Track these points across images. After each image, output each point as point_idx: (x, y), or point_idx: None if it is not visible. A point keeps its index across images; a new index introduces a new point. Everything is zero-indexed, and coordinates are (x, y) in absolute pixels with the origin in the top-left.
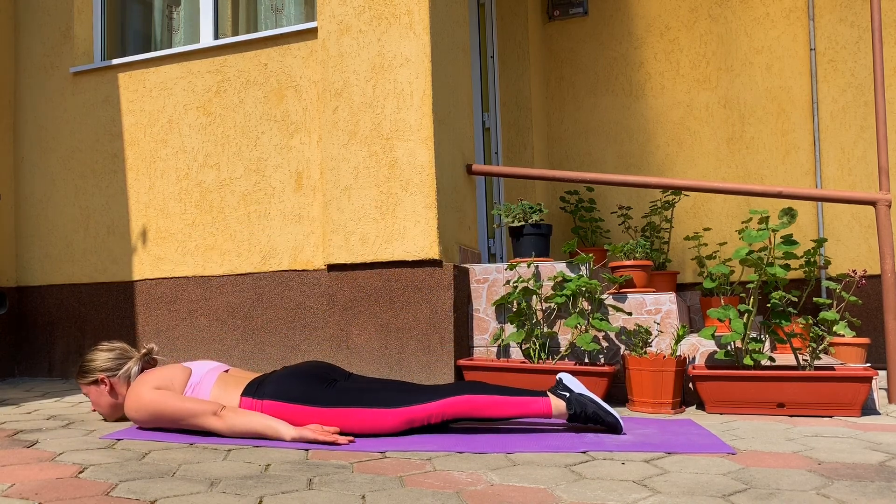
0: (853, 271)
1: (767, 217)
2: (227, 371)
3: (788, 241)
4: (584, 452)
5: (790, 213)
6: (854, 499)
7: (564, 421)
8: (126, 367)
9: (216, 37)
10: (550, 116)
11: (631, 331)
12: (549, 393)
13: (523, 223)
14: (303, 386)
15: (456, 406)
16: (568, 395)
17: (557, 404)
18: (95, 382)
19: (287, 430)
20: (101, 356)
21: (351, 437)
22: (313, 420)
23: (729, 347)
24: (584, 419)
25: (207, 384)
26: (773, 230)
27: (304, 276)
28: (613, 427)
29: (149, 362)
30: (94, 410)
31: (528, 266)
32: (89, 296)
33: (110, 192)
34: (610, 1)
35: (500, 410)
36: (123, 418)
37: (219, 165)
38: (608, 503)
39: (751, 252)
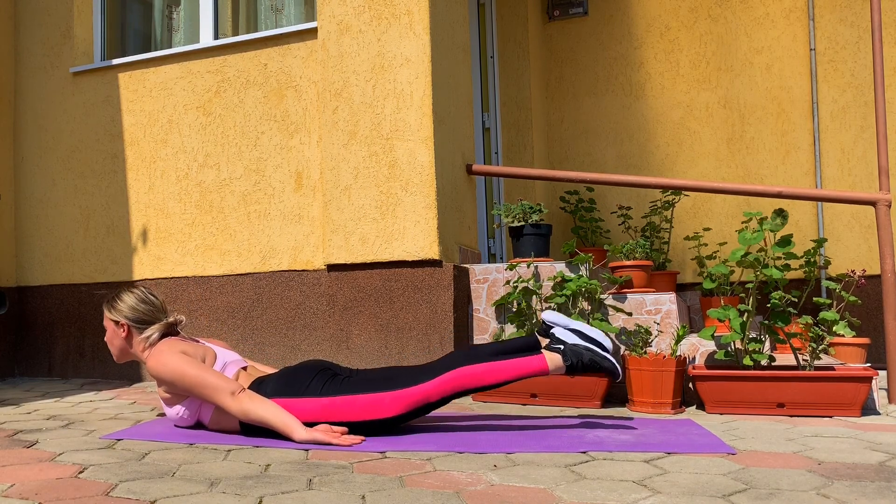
0: (852, 271)
1: (764, 218)
2: (244, 368)
3: (782, 241)
4: (584, 452)
5: (782, 215)
6: (854, 499)
7: (563, 374)
8: (149, 331)
9: (216, 37)
10: (550, 116)
11: (631, 331)
12: (542, 350)
13: (523, 223)
14: (302, 380)
15: (453, 382)
16: (562, 346)
17: (553, 359)
18: (116, 322)
19: (299, 431)
20: (131, 302)
21: (362, 437)
22: (312, 411)
23: (729, 347)
24: (582, 369)
25: (228, 374)
26: (772, 231)
27: (304, 277)
28: (611, 373)
29: (173, 332)
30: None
31: (528, 266)
32: (89, 296)
33: (110, 192)
34: (610, 1)
35: (497, 377)
36: (129, 363)
37: (219, 165)
38: (608, 503)
39: (747, 254)
